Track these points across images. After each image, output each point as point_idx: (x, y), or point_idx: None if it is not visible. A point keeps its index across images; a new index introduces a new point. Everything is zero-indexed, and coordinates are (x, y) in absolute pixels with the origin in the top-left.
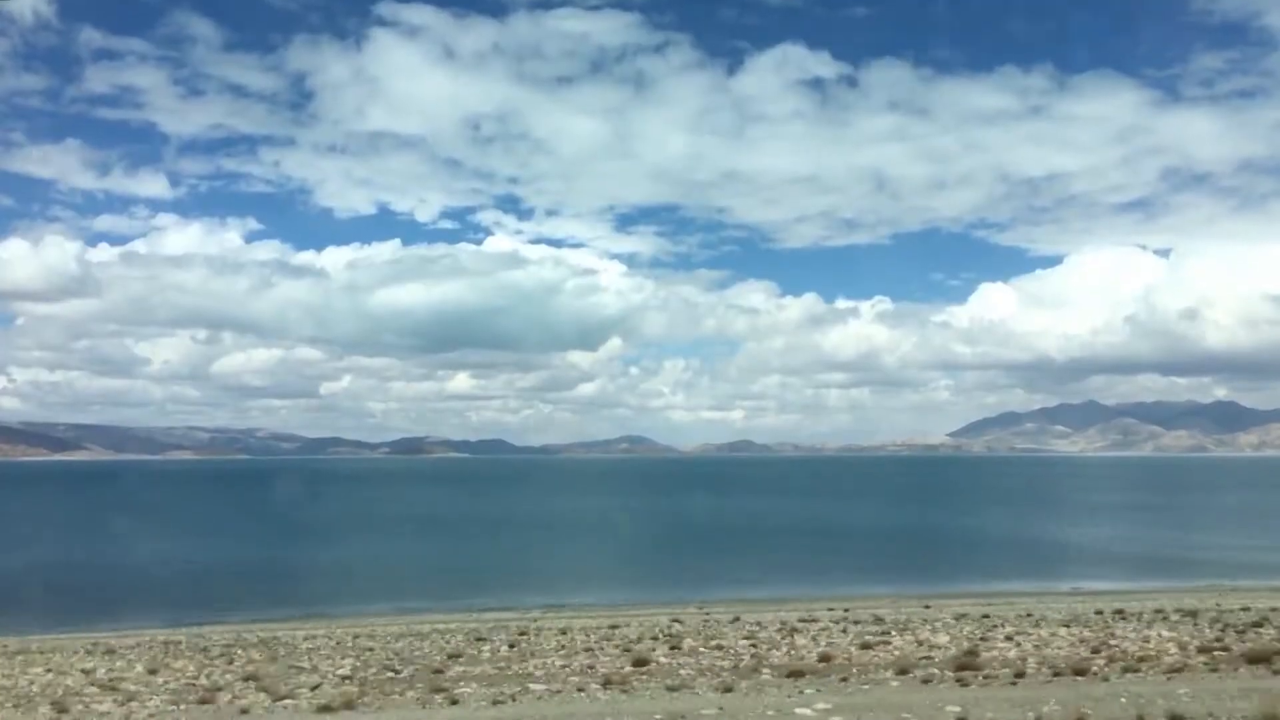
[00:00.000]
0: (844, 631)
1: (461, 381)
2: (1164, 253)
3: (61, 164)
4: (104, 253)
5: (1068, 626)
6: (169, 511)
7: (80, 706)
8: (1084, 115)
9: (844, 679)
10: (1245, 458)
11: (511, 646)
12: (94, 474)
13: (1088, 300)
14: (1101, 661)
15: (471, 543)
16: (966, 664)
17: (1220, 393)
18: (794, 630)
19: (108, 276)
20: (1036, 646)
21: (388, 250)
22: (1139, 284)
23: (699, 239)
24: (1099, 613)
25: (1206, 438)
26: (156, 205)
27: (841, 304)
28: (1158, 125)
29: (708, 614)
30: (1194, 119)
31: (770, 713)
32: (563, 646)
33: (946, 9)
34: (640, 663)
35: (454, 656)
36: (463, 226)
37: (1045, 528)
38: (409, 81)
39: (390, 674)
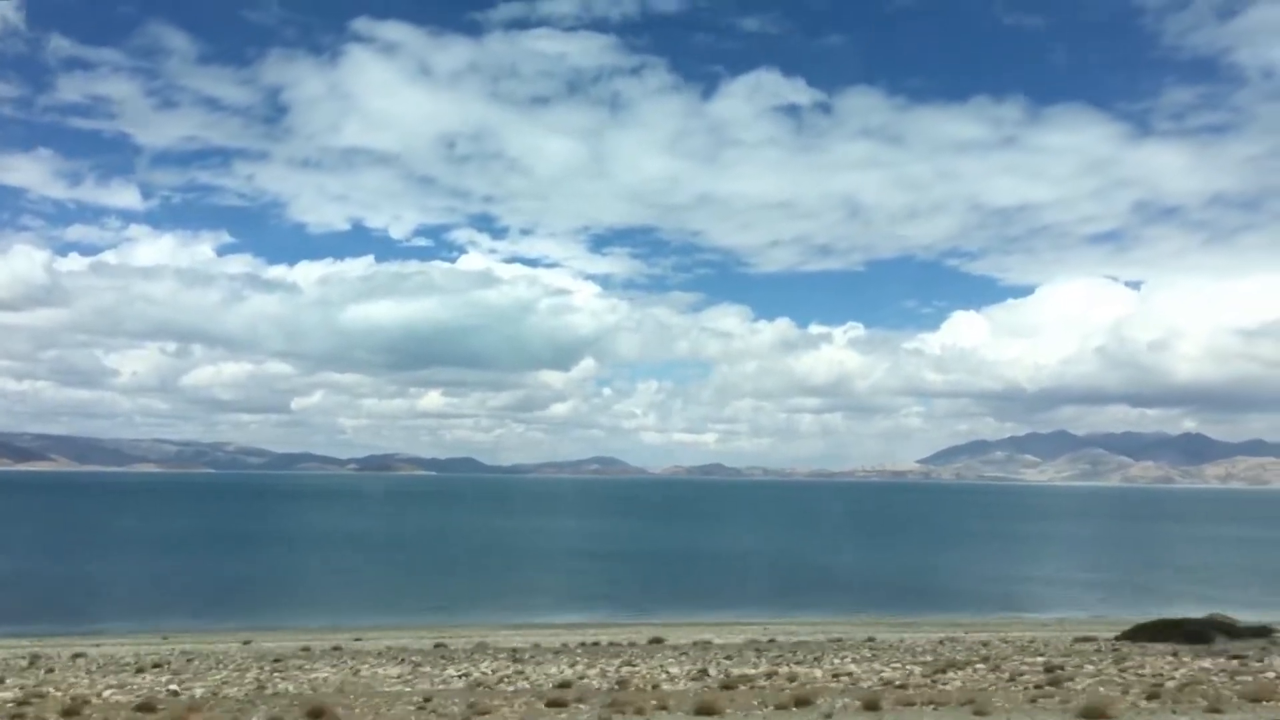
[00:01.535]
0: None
1: (433, 399)
2: (1135, 284)
3: (32, 173)
4: (74, 262)
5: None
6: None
7: None
8: (1056, 147)
9: None
10: (1208, 489)
11: None
12: (31, 486)
13: (1058, 330)
14: None
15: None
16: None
17: (1188, 425)
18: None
19: (77, 286)
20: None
21: (360, 266)
22: (1109, 315)
23: (673, 261)
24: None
25: (1173, 469)
26: (128, 216)
27: (815, 329)
28: (1129, 158)
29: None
30: (1165, 152)
31: None
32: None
33: (920, 39)
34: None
35: None
36: (436, 244)
37: (882, 556)
38: (384, 98)
39: None
